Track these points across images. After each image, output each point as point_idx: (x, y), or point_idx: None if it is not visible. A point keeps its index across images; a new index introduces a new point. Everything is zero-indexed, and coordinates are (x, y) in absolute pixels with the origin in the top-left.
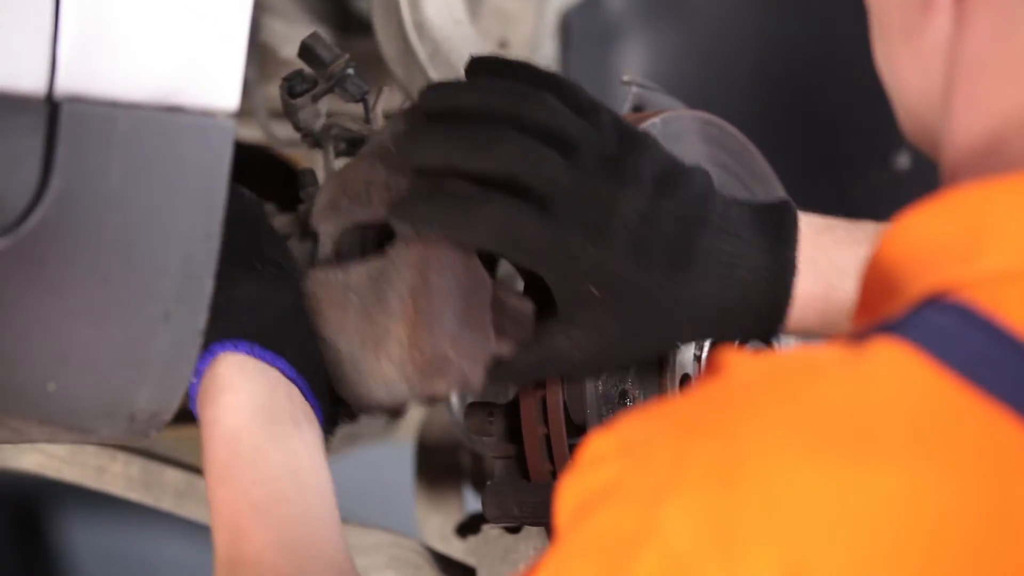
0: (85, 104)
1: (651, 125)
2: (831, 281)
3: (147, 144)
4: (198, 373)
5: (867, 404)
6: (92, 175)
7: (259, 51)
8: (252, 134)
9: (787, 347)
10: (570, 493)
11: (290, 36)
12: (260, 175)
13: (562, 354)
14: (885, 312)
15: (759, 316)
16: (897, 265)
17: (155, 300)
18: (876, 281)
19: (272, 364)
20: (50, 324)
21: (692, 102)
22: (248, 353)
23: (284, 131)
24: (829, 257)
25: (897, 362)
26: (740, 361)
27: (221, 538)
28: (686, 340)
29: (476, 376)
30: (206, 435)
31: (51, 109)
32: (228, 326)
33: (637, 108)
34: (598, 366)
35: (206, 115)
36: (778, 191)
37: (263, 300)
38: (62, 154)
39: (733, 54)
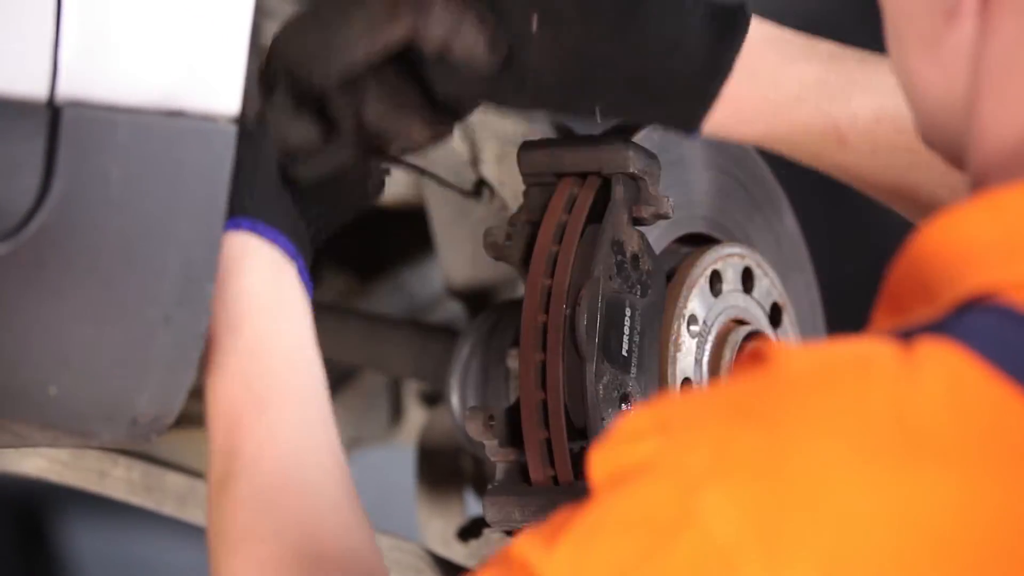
0: (86, 109)
1: (646, 136)
2: (766, 93)
3: (148, 148)
4: None
5: (917, 406)
6: (93, 179)
7: (260, 55)
8: None
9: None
10: (603, 461)
11: None
12: None
13: (505, 88)
14: (921, 311)
15: (684, 104)
16: (935, 264)
17: (155, 303)
18: (910, 278)
19: (274, 241)
20: (51, 327)
21: None
22: (251, 230)
23: None
24: (772, 69)
25: (947, 364)
26: (787, 353)
27: (219, 426)
28: (613, 108)
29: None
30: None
31: (52, 114)
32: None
33: None
34: (541, 108)
35: (207, 120)
36: (781, 198)
37: (253, 168)
38: (63, 159)
39: None
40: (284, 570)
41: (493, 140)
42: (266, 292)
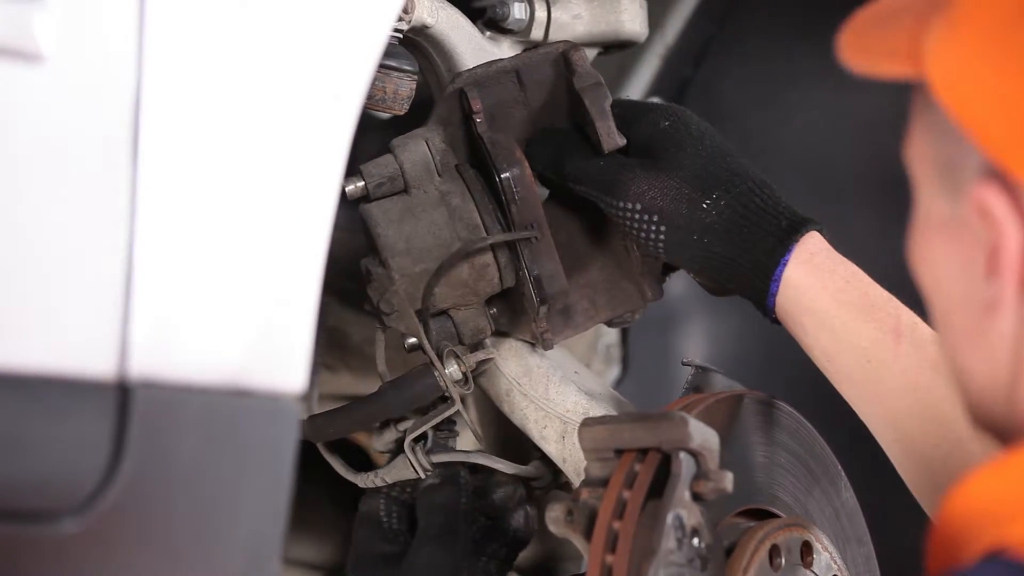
0: (158, 389)
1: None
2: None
3: (217, 427)
4: None
5: None
6: (164, 458)
7: (328, 335)
8: None
9: None
10: None
11: (359, 321)
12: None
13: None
14: (957, 562)
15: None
16: (963, 521)
17: None
18: (945, 537)
19: None
20: None
21: (752, 383)
22: None
23: None
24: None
25: None
26: None
27: None
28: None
29: None
30: None
31: (122, 394)
32: None
33: (696, 389)
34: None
35: (273, 399)
36: (838, 472)
37: None
38: (134, 437)
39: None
40: None
41: (555, 419)
42: None
